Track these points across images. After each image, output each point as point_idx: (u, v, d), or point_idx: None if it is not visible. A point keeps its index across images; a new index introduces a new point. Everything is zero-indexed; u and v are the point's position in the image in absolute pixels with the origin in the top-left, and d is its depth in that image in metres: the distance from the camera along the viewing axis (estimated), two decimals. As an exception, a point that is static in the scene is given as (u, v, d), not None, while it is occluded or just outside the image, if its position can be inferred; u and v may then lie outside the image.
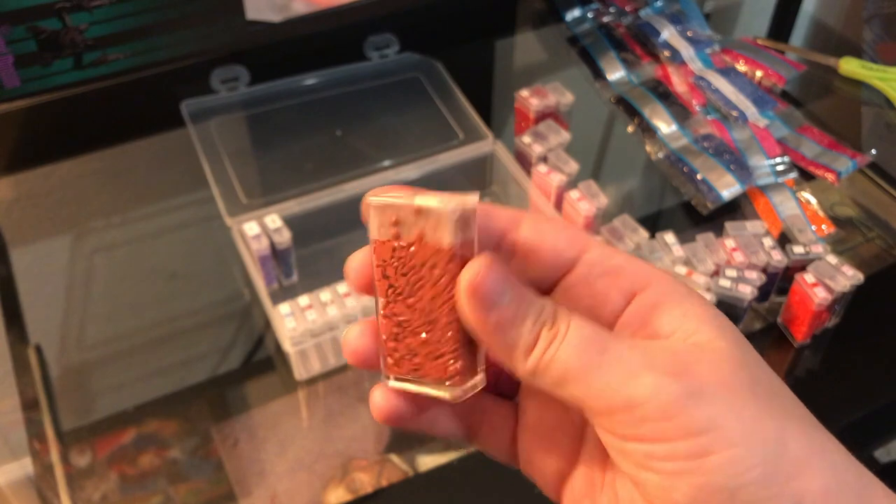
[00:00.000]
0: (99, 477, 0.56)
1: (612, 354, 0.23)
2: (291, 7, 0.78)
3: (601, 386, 0.23)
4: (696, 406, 0.22)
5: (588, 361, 0.23)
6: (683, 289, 0.26)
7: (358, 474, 0.56)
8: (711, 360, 0.23)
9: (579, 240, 0.26)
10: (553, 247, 0.26)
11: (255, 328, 0.66)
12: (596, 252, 0.26)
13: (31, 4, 0.67)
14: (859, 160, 0.77)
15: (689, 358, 0.23)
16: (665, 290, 0.25)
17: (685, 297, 0.25)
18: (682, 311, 0.25)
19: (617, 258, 0.26)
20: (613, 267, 0.26)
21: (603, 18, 0.92)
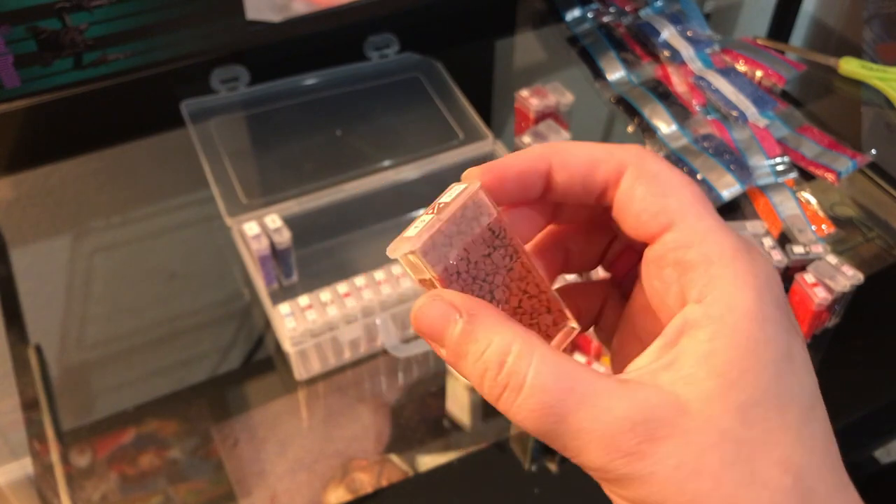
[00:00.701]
0: (99, 477, 0.56)
1: (570, 425, 0.21)
2: (291, 7, 0.78)
3: (559, 448, 0.22)
4: (641, 489, 0.21)
5: (543, 429, 0.22)
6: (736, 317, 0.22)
7: (358, 474, 0.56)
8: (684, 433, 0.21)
9: (668, 213, 0.23)
10: (637, 216, 0.24)
11: (255, 328, 0.66)
12: (676, 235, 0.23)
13: (31, 4, 0.67)
14: (859, 160, 0.77)
15: (658, 433, 0.21)
16: (711, 313, 0.22)
17: (720, 333, 0.22)
18: (706, 350, 0.21)
19: (694, 252, 0.23)
20: (684, 261, 0.23)
21: (603, 18, 0.92)
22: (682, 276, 0.23)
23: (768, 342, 0.21)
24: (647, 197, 0.24)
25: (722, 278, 0.22)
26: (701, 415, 0.21)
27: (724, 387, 0.21)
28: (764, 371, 0.21)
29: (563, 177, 0.25)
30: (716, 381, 0.21)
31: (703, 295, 0.22)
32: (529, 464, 0.57)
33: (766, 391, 0.21)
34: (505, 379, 0.22)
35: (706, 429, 0.21)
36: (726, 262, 0.22)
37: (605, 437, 0.21)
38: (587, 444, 0.21)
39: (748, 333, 0.21)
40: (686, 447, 0.21)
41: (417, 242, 0.24)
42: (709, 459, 0.20)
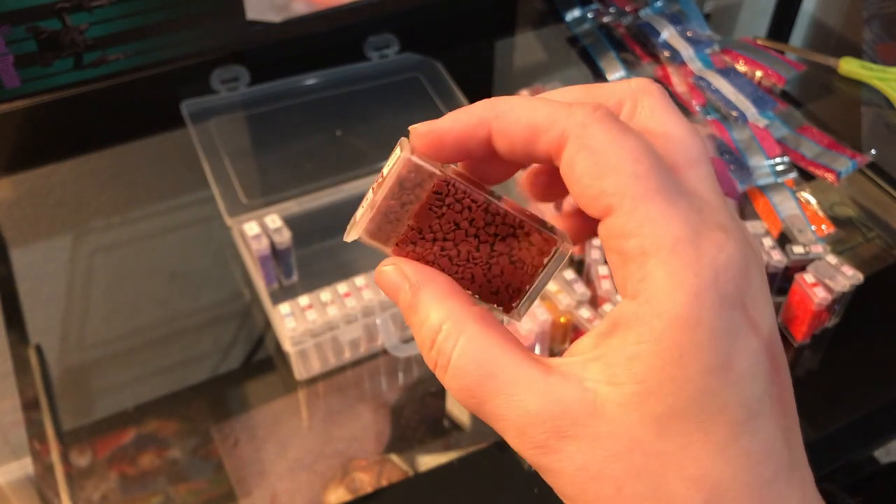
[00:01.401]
0: (99, 477, 0.56)
1: (489, 408, 0.22)
2: (291, 7, 0.78)
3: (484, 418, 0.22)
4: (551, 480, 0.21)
5: (467, 404, 0.22)
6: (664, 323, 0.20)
7: (358, 474, 0.56)
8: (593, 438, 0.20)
9: (607, 195, 0.21)
10: (579, 195, 0.22)
11: (256, 328, 0.66)
12: (615, 220, 0.21)
13: (31, 5, 0.67)
14: (859, 160, 0.77)
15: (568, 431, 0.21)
16: (642, 312, 0.21)
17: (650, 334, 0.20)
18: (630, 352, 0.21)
19: (632, 242, 0.21)
20: (625, 252, 0.21)
21: (603, 19, 0.92)
22: (622, 266, 0.21)
23: (697, 351, 0.20)
24: (583, 178, 0.21)
25: (654, 277, 0.20)
26: (614, 420, 0.20)
27: (643, 395, 0.20)
28: (688, 382, 0.20)
29: (504, 144, 0.23)
30: (635, 388, 0.20)
31: (636, 292, 0.21)
32: (529, 464, 0.57)
33: (690, 403, 0.20)
34: (435, 355, 0.22)
35: (617, 435, 0.20)
36: (663, 258, 0.20)
37: (518, 427, 0.21)
38: (505, 430, 0.21)
39: (674, 341, 0.20)
40: (592, 450, 0.20)
41: (360, 230, 0.24)
42: (613, 467, 0.20)
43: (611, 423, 0.20)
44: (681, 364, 0.20)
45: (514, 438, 0.21)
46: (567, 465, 0.20)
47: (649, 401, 0.20)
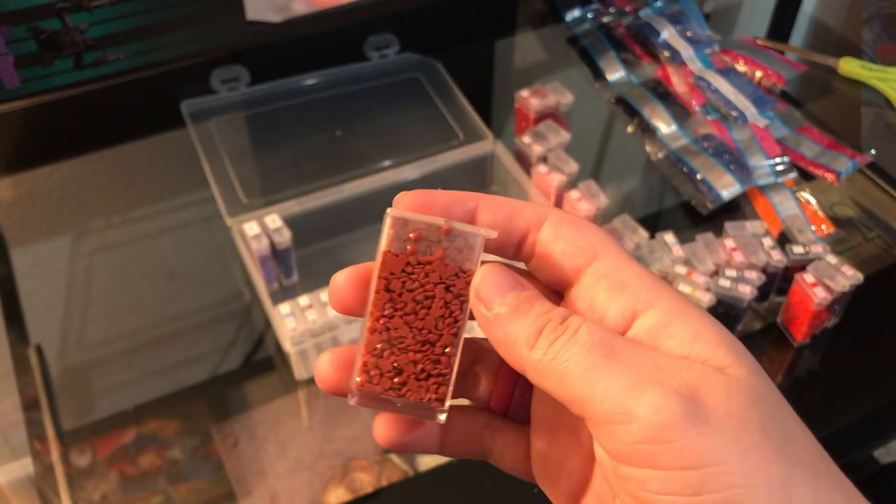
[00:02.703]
0: (99, 477, 0.56)
1: (620, 359, 0.22)
2: (291, 7, 0.78)
3: (602, 392, 0.22)
4: (697, 434, 0.21)
5: (593, 363, 0.22)
6: (694, 309, 0.24)
7: (358, 474, 0.56)
8: (727, 387, 0.22)
9: (592, 246, 0.25)
10: (563, 251, 0.25)
11: (256, 328, 0.66)
12: (604, 263, 0.25)
13: (31, 5, 0.67)
14: (859, 160, 0.77)
15: (704, 381, 0.22)
16: (673, 310, 0.23)
17: (696, 319, 0.23)
18: (692, 333, 0.23)
19: (625, 273, 0.24)
20: (618, 282, 0.24)
21: (603, 19, 0.92)
22: (621, 294, 0.24)
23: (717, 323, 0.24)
24: (571, 234, 0.25)
25: (656, 286, 0.24)
26: (727, 376, 0.22)
27: (730, 351, 0.23)
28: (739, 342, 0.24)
29: (489, 216, 0.26)
30: (720, 349, 0.23)
31: (650, 303, 0.24)
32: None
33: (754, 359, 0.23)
34: (564, 326, 0.23)
35: (738, 385, 0.22)
36: (649, 277, 0.25)
37: (656, 377, 0.22)
38: (641, 381, 0.22)
39: (707, 314, 0.24)
40: (729, 400, 0.22)
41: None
42: (751, 413, 0.22)
43: (739, 381, 0.22)
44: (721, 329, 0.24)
45: (653, 389, 0.22)
46: (713, 413, 0.21)
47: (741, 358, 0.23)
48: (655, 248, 0.65)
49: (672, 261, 0.64)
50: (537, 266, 0.26)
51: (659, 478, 0.21)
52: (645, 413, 0.21)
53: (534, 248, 0.26)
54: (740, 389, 0.22)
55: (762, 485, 0.21)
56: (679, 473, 0.21)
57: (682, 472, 0.21)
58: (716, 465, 0.21)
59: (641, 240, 0.67)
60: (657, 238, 0.66)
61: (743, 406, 0.21)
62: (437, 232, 0.26)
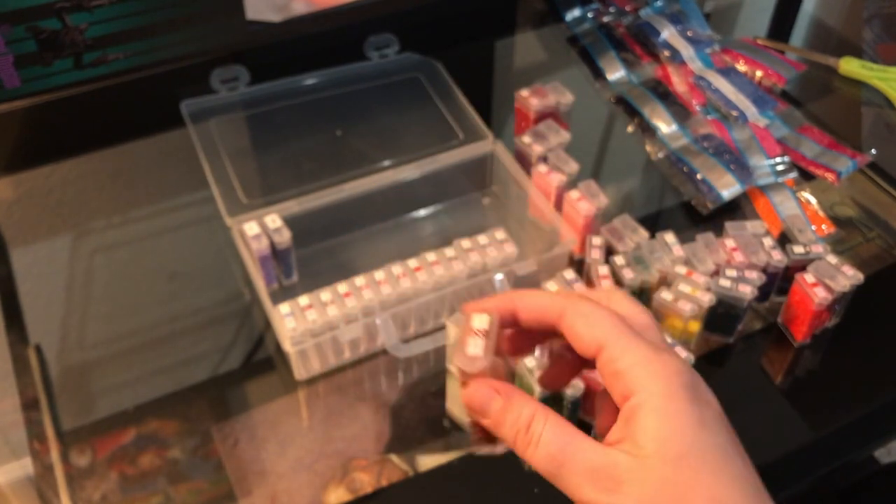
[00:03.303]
0: (99, 477, 0.56)
1: (567, 468, 0.32)
2: (291, 7, 0.78)
3: (562, 487, 0.33)
4: None
5: (550, 471, 0.33)
6: (659, 401, 0.32)
7: (358, 474, 0.56)
8: (639, 480, 0.31)
9: (598, 339, 0.33)
10: (577, 345, 0.34)
11: (256, 328, 0.66)
12: (607, 353, 0.33)
13: (31, 4, 0.67)
14: (859, 160, 0.77)
15: (624, 477, 0.31)
16: (643, 399, 0.32)
17: (653, 410, 0.32)
18: (645, 424, 0.32)
19: (621, 362, 0.33)
20: (616, 371, 0.33)
21: (603, 18, 0.92)
22: (618, 381, 0.33)
23: (684, 413, 0.31)
24: (582, 329, 0.34)
25: (642, 377, 0.32)
26: (648, 467, 0.31)
27: (660, 447, 0.31)
28: (685, 434, 0.31)
29: (524, 316, 0.36)
30: (654, 445, 0.31)
31: (632, 391, 0.32)
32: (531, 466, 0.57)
33: (690, 447, 0.31)
34: (529, 437, 0.33)
35: (653, 475, 0.31)
36: (643, 364, 0.32)
37: (592, 479, 0.32)
38: (581, 484, 0.32)
39: (668, 409, 0.32)
40: (642, 487, 0.31)
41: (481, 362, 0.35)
42: (657, 496, 0.30)
43: (646, 469, 0.31)
44: (678, 421, 0.32)
45: (588, 487, 0.32)
46: (628, 499, 0.31)
47: (666, 449, 0.31)
48: (656, 247, 0.65)
49: (672, 261, 0.64)
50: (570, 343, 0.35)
51: None
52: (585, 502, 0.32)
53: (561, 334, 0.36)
54: (650, 480, 0.30)
55: None
56: None
57: None
58: None
59: (641, 239, 0.67)
60: (657, 238, 0.66)
61: (649, 495, 0.30)
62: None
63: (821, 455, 0.59)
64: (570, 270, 0.63)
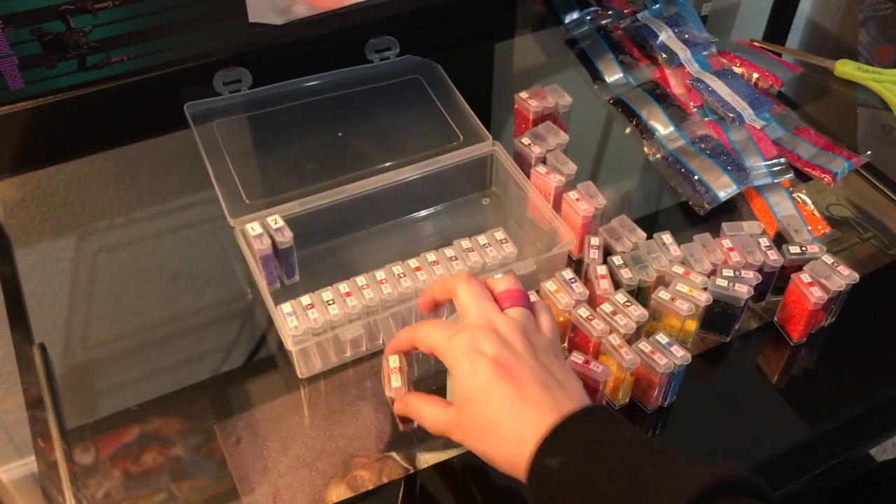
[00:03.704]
0: (102, 475, 0.57)
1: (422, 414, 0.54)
2: (293, 10, 0.79)
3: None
4: (461, 434, 0.51)
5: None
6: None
7: (359, 471, 0.57)
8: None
9: (429, 343, 0.54)
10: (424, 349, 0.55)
11: (258, 327, 0.66)
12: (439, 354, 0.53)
13: (35, 7, 0.68)
14: (855, 161, 0.77)
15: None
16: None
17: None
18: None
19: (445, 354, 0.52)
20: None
21: (601, 21, 0.93)
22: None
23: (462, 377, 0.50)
24: (422, 335, 0.55)
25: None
26: (460, 418, 0.50)
27: (460, 408, 0.50)
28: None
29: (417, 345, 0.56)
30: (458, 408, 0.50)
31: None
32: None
33: (467, 400, 0.50)
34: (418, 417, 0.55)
35: (462, 423, 0.50)
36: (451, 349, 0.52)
37: (440, 429, 0.53)
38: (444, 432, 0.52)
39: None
40: (461, 427, 0.50)
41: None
42: (470, 432, 0.50)
43: (461, 419, 0.50)
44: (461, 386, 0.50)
45: (448, 433, 0.52)
46: (462, 436, 0.51)
47: (463, 409, 0.50)
48: (653, 248, 0.66)
49: (669, 261, 0.65)
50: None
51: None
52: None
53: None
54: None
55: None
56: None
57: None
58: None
59: (639, 240, 0.67)
60: (655, 238, 0.67)
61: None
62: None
63: (817, 453, 0.59)
64: (568, 270, 0.63)
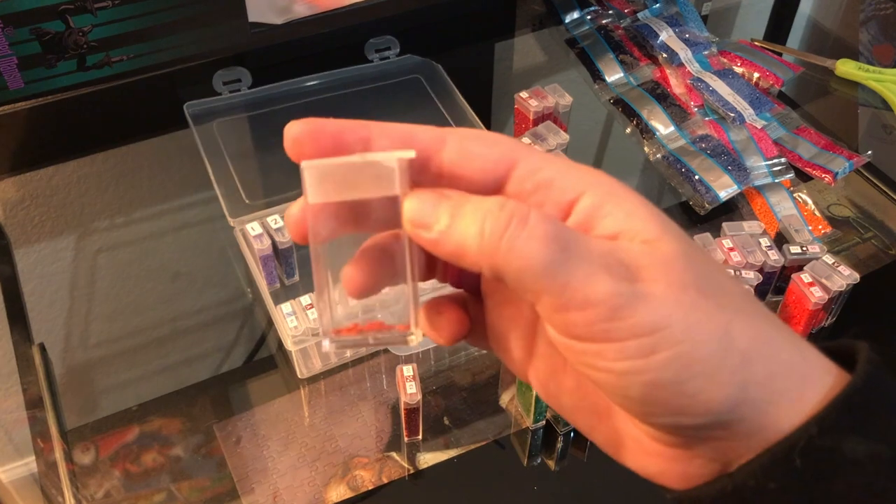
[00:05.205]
0: (102, 475, 0.57)
1: (574, 253, 0.23)
2: (293, 9, 0.79)
3: (561, 283, 0.23)
4: (646, 308, 0.23)
5: (551, 258, 0.23)
6: (622, 189, 0.26)
7: (359, 472, 0.57)
8: (662, 261, 0.24)
9: (507, 156, 0.26)
10: (481, 168, 0.26)
11: (258, 327, 0.66)
12: (524, 167, 0.26)
13: (34, 6, 0.68)
14: (855, 161, 0.77)
15: (643, 261, 0.24)
16: (604, 193, 0.25)
17: (626, 198, 0.25)
18: (625, 211, 0.25)
19: (547, 170, 0.26)
20: (544, 180, 0.25)
21: (601, 21, 0.93)
22: (550, 191, 0.25)
23: (647, 203, 0.26)
24: (482, 150, 0.26)
25: (580, 177, 0.26)
26: (664, 248, 0.24)
27: (663, 227, 0.25)
28: (664, 217, 0.25)
29: (384, 143, 0.26)
30: (657, 225, 0.25)
31: (579, 191, 0.25)
32: (528, 461, 0.58)
33: (678, 228, 0.25)
34: (509, 213, 0.24)
35: (672, 254, 0.24)
36: (574, 166, 0.26)
37: (606, 267, 0.24)
38: (595, 271, 0.23)
39: (637, 199, 0.25)
40: (667, 270, 0.24)
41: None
42: (687, 275, 0.24)
43: (667, 250, 0.24)
44: (660, 214, 0.26)
45: (604, 277, 0.23)
46: (656, 287, 0.24)
47: (673, 233, 0.25)
48: (654, 247, 0.66)
49: (670, 260, 0.65)
50: (449, 184, 0.26)
51: (615, 348, 0.23)
52: (601, 299, 0.23)
53: (438, 171, 0.26)
54: (673, 258, 0.24)
55: (705, 335, 0.24)
56: (633, 342, 0.23)
57: (635, 341, 0.23)
58: (664, 328, 0.23)
59: (640, 240, 0.67)
60: (655, 238, 0.67)
61: (678, 273, 0.24)
62: (354, 169, 0.25)
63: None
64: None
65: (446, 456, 0.58)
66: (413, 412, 0.56)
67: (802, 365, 0.25)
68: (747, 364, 0.24)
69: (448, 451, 0.58)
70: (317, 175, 0.25)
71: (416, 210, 0.25)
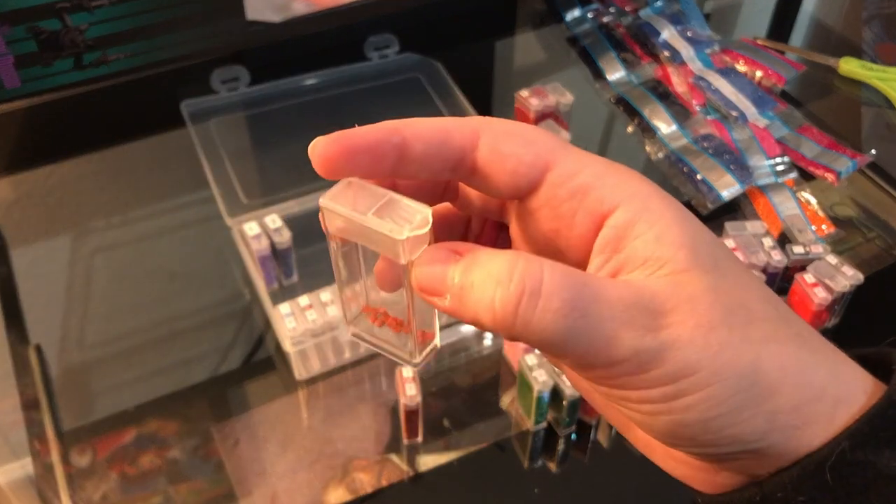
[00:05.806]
0: (99, 477, 0.56)
1: (594, 317, 0.22)
2: (292, 7, 0.78)
3: (584, 350, 0.23)
4: (673, 357, 0.22)
5: (569, 327, 0.22)
6: (657, 201, 0.24)
7: (358, 474, 0.57)
8: (688, 299, 0.23)
9: (543, 157, 0.25)
10: (513, 170, 0.25)
11: (256, 328, 0.66)
12: (560, 170, 0.25)
13: (31, 4, 0.67)
14: (859, 160, 0.77)
15: (669, 303, 0.23)
16: (637, 208, 0.24)
17: (660, 215, 0.24)
18: (655, 234, 0.24)
19: (584, 175, 0.25)
20: (580, 186, 0.24)
21: (603, 19, 0.92)
22: (584, 199, 0.24)
23: (689, 218, 0.24)
24: (517, 149, 0.25)
25: (620, 185, 0.24)
26: (692, 283, 0.23)
27: (693, 255, 0.23)
28: (705, 237, 0.24)
29: (419, 147, 0.25)
30: (686, 254, 0.23)
31: (615, 202, 0.24)
32: (529, 463, 0.57)
33: (716, 248, 0.24)
34: (520, 284, 0.22)
35: (700, 290, 0.23)
36: (612, 171, 0.25)
37: (628, 322, 0.22)
38: (616, 332, 0.22)
39: (674, 215, 0.24)
40: (693, 309, 0.23)
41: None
42: (715, 313, 0.23)
43: (688, 285, 0.23)
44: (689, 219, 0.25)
45: (627, 335, 0.22)
46: (683, 330, 0.23)
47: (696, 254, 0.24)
48: (655, 248, 0.65)
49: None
50: (482, 182, 0.25)
51: (640, 395, 0.23)
52: (626, 357, 0.23)
53: (472, 167, 0.25)
54: (700, 294, 0.23)
55: (733, 375, 0.23)
56: (657, 390, 0.23)
57: (663, 389, 0.23)
58: (692, 374, 0.22)
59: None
60: (657, 238, 0.66)
61: (706, 310, 0.23)
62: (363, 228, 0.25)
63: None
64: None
65: (446, 458, 0.57)
66: (412, 414, 0.56)
67: (835, 387, 0.24)
68: (775, 396, 0.23)
69: (448, 453, 0.58)
70: (332, 217, 0.26)
71: (426, 280, 0.24)
